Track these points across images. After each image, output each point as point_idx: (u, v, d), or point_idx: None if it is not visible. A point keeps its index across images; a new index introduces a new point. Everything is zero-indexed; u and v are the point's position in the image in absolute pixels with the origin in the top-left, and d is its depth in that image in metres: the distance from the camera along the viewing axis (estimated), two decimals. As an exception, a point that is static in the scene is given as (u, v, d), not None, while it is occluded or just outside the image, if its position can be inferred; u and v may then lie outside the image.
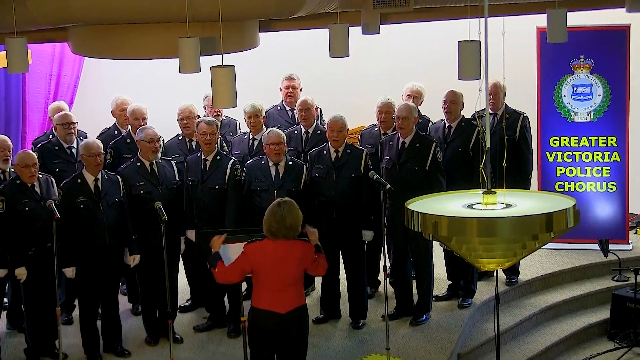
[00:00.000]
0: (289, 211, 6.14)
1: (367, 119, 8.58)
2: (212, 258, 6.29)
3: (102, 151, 7.57)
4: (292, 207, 6.16)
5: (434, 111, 8.68)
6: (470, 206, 4.85)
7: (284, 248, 6.14)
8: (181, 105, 8.46)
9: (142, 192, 7.71)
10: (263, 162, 7.95)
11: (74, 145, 8.21)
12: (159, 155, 7.85)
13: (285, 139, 7.95)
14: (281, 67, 9.54)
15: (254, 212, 7.78)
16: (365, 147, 8.28)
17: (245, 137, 8.57)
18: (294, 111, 8.83)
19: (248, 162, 8.05)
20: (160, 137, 8.12)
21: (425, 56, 10.45)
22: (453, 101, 8.27)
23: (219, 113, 8.77)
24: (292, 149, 8.47)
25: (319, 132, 8.53)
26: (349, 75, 10.52)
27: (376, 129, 8.50)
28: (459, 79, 5.82)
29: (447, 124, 8.35)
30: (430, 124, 8.61)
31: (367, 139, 8.51)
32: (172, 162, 8.00)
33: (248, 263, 6.15)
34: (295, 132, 8.61)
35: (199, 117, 8.37)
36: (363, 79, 10.54)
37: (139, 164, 7.79)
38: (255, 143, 8.36)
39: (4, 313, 8.05)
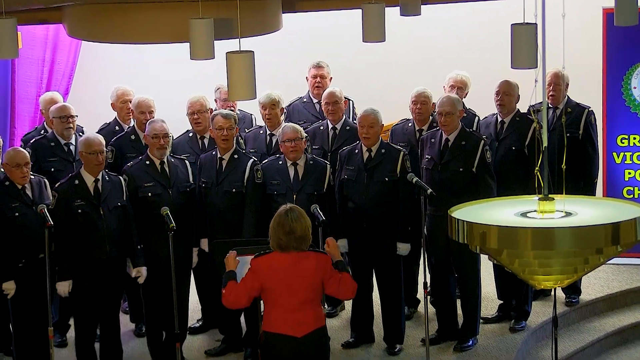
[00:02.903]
0: (298, 220, 6.11)
1: (405, 113, 8.57)
2: (225, 277, 6.25)
3: (105, 148, 7.61)
4: (300, 215, 6.14)
5: (480, 104, 8.66)
6: (524, 214, 4.84)
7: (295, 261, 6.11)
8: (191, 98, 8.46)
9: (149, 194, 7.74)
10: (280, 162, 7.96)
11: (72, 141, 8.26)
12: (167, 153, 7.88)
13: (303, 134, 7.95)
14: (307, 54, 9.55)
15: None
16: (398, 145, 8.26)
17: (261, 132, 8.57)
18: (322, 104, 8.83)
19: (263, 162, 8.06)
20: (169, 134, 8.15)
21: (473, 41, 10.43)
22: (507, 92, 8.26)
23: (232, 107, 8.75)
24: (317, 147, 8.48)
25: (348, 127, 8.51)
26: (385, 63, 10.52)
27: (410, 124, 8.48)
28: (512, 67, 5.80)
29: (499, 119, 8.34)
30: (477, 118, 8.60)
31: (399, 135, 8.48)
32: (186, 161, 8.02)
33: (257, 280, 6.11)
34: (321, 128, 8.60)
35: (211, 110, 8.38)
36: (400, 67, 10.54)
37: (147, 162, 7.82)
38: (274, 139, 8.36)
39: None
